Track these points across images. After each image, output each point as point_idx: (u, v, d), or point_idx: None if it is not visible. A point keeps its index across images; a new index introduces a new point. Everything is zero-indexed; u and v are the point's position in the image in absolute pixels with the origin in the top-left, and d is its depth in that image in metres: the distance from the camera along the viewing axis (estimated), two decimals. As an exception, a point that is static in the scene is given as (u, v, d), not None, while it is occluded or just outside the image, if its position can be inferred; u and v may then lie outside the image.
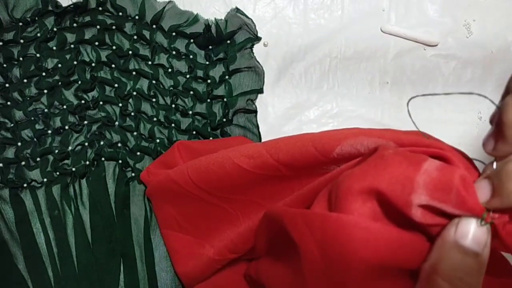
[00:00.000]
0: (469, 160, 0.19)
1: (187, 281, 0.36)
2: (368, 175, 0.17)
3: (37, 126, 0.39)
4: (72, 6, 0.39)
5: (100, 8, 0.39)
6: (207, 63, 0.41)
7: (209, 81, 0.40)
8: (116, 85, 0.40)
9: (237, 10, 0.40)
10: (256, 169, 0.29)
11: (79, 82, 0.39)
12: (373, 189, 0.17)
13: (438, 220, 0.16)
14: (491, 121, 0.19)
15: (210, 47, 0.41)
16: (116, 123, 0.40)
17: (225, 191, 0.33)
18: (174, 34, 0.40)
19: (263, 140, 0.41)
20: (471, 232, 0.16)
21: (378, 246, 0.16)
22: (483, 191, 0.16)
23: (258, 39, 0.41)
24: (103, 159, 0.39)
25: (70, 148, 0.39)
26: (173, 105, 0.40)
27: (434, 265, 0.16)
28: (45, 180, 0.38)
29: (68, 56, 0.39)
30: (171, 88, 0.40)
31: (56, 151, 0.38)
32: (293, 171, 0.27)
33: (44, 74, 0.39)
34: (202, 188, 0.33)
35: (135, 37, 0.40)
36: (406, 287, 0.17)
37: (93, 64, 0.40)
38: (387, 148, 0.18)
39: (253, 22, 0.41)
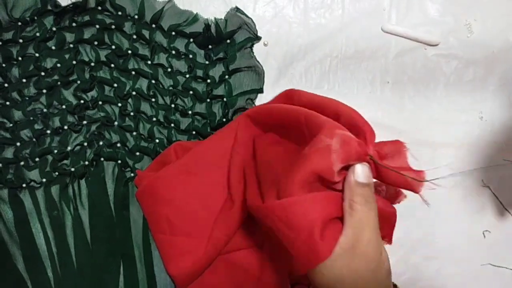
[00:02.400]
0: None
1: (180, 282, 0.37)
2: (304, 165, 0.26)
3: (36, 126, 0.38)
4: (71, 5, 0.38)
5: (100, 8, 0.39)
6: (207, 62, 0.40)
7: (208, 80, 0.40)
8: (115, 84, 0.40)
9: (237, 9, 0.40)
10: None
11: (78, 82, 0.39)
12: (311, 173, 0.25)
13: (345, 173, 0.26)
14: None
15: (210, 46, 0.40)
16: (116, 123, 0.40)
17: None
18: (173, 33, 0.40)
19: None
20: (360, 171, 0.25)
21: (322, 205, 0.25)
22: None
23: (258, 38, 0.41)
24: (102, 159, 0.39)
25: (69, 148, 0.39)
26: (173, 105, 0.40)
27: (350, 199, 0.25)
28: (44, 180, 0.38)
29: (67, 56, 0.39)
30: (171, 88, 0.40)
31: (55, 151, 0.38)
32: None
33: (43, 73, 0.38)
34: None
35: (135, 36, 0.40)
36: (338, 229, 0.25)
37: (92, 64, 0.39)
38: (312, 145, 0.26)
39: (253, 22, 0.40)
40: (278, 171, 0.29)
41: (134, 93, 0.40)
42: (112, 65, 0.40)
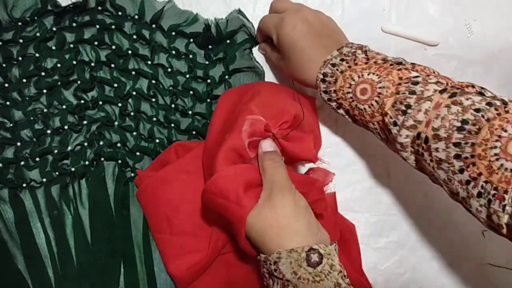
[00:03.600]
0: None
1: (180, 281, 0.37)
2: (224, 145, 0.33)
3: (37, 126, 0.38)
4: (71, 5, 0.38)
5: (100, 8, 0.39)
6: (207, 62, 0.40)
7: (208, 80, 0.40)
8: (115, 85, 0.40)
9: (239, 11, 0.40)
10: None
11: (79, 82, 0.39)
12: (229, 149, 0.32)
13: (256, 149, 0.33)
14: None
15: (210, 46, 0.40)
16: (116, 123, 0.40)
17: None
18: (173, 33, 0.40)
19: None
20: (264, 143, 0.33)
21: (238, 175, 0.31)
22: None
23: (256, 42, 0.41)
24: (102, 159, 0.39)
25: (69, 148, 0.39)
26: (173, 105, 0.40)
27: (261, 165, 0.32)
28: (44, 180, 0.38)
29: (67, 56, 0.39)
30: (171, 88, 0.40)
31: (56, 151, 0.38)
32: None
33: (43, 74, 0.38)
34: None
35: (135, 36, 0.40)
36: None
37: (92, 64, 0.39)
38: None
39: (253, 26, 0.40)
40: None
41: (134, 93, 0.40)
42: (112, 65, 0.40)
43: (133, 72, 0.40)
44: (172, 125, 0.40)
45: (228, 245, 0.37)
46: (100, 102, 0.40)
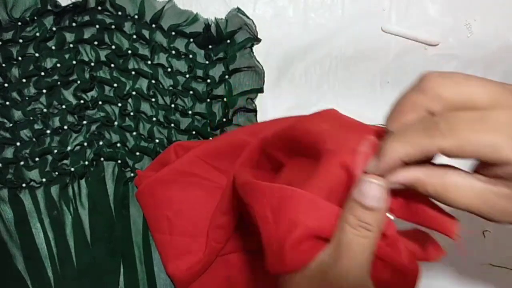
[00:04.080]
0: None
1: (179, 282, 0.37)
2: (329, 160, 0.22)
3: (36, 126, 0.38)
4: (71, 5, 0.38)
5: (99, 8, 0.39)
6: (207, 62, 0.40)
7: (208, 80, 0.40)
8: (115, 84, 0.40)
9: (238, 10, 0.40)
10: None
11: (78, 82, 0.39)
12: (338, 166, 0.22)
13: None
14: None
15: (210, 46, 0.40)
16: (115, 123, 0.40)
17: (228, 162, 0.36)
18: (173, 33, 0.40)
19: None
20: (367, 188, 0.20)
21: (318, 216, 0.21)
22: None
23: (258, 40, 0.41)
24: (102, 159, 0.39)
25: (69, 148, 0.39)
26: (173, 105, 0.40)
27: (344, 216, 0.20)
28: (44, 180, 0.38)
29: (67, 56, 0.39)
30: (171, 87, 0.40)
31: (55, 151, 0.38)
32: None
33: (43, 73, 0.38)
34: (208, 162, 0.36)
35: (135, 36, 0.40)
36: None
37: (92, 64, 0.39)
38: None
39: (253, 23, 0.40)
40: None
41: (134, 93, 0.40)
42: (112, 65, 0.40)
43: (133, 72, 0.40)
44: (172, 125, 0.40)
45: (228, 246, 0.37)
46: (100, 102, 0.40)
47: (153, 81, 0.40)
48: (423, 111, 0.20)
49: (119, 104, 0.40)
